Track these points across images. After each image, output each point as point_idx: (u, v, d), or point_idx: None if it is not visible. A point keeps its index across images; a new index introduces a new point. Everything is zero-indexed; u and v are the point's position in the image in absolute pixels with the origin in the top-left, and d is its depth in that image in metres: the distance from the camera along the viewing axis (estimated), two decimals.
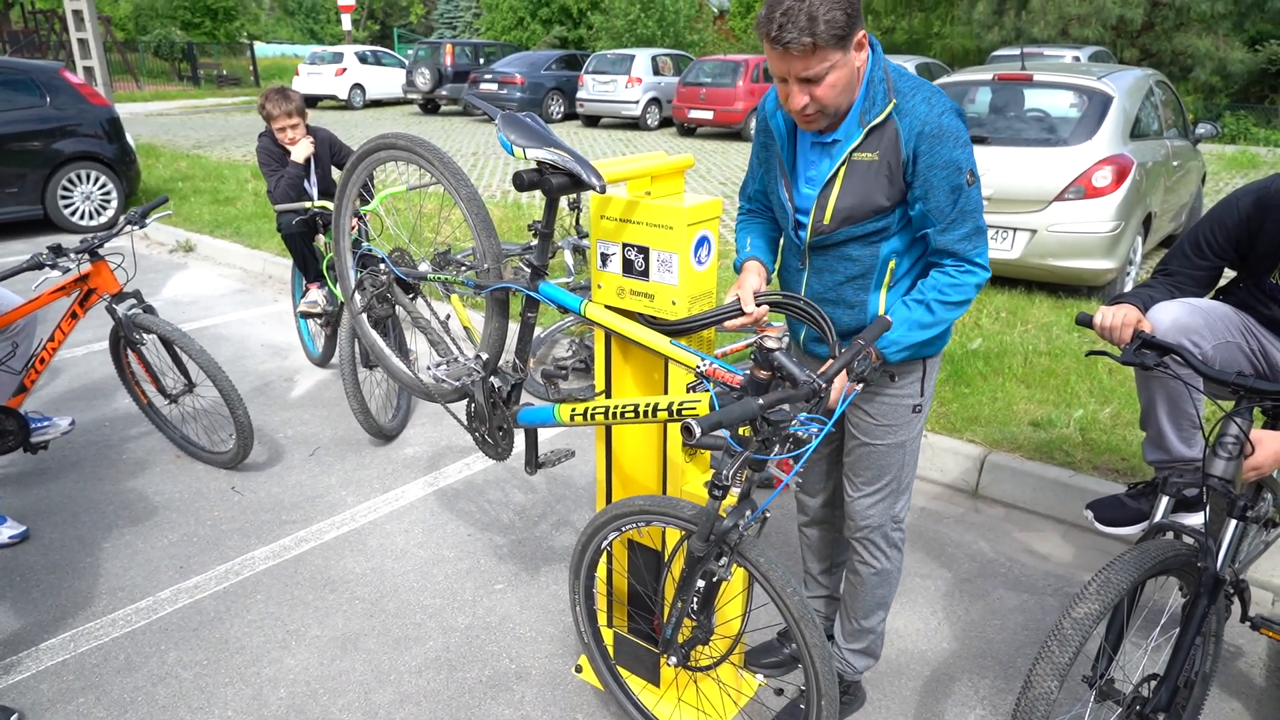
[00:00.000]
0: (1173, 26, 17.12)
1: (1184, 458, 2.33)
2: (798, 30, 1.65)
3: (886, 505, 2.19)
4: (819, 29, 1.65)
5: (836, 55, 1.70)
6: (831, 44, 1.68)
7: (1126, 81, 5.98)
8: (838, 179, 1.86)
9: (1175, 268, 2.40)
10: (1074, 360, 4.59)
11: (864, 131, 1.81)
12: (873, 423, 2.09)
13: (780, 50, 1.70)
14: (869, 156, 1.82)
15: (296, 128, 4.19)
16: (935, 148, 1.78)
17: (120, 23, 42.90)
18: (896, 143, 1.79)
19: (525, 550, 3.22)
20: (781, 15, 1.66)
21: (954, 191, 1.81)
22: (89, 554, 3.15)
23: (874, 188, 1.83)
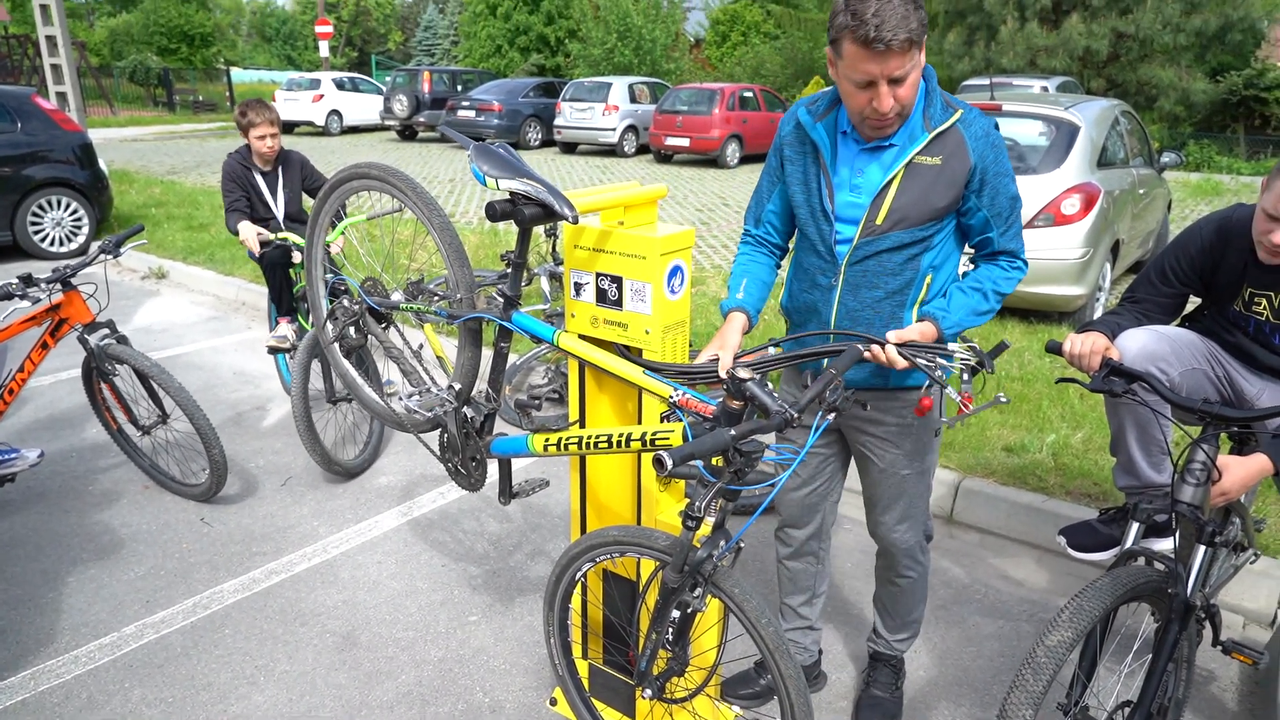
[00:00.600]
0: (1137, 58, 17.52)
1: (1154, 483, 2.35)
2: (896, 28, 1.65)
3: (916, 526, 2.29)
4: (913, 25, 1.67)
5: (919, 55, 1.75)
6: (919, 41, 1.72)
7: (1093, 112, 6.10)
8: (895, 181, 1.88)
9: (1142, 295, 2.44)
10: (1046, 385, 4.64)
11: (930, 136, 1.85)
12: (900, 454, 2.14)
13: (879, 50, 1.67)
14: (933, 160, 1.86)
15: (275, 137, 4.23)
16: (1000, 157, 1.89)
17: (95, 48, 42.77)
18: (963, 150, 1.85)
19: (500, 581, 3.18)
20: (875, 15, 1.65)
21: (1012, 199, 1.95)
22: (52, 589, 3.08)
23: (934, 191, 1.87)
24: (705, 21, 36.94)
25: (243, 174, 4.26)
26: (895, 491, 2.21)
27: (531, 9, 32.72)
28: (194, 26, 45.63)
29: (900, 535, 2.28)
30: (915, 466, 2.18)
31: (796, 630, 2.53)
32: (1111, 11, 16.93)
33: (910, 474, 2.19)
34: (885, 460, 2.18)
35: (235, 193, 4.24)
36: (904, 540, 2.29)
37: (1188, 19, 16.66)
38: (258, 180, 4.29)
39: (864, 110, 1.81)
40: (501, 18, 32.83)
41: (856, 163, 1.95)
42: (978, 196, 1.92)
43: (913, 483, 2.20)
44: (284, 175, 4.34)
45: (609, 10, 27.35)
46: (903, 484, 2.20)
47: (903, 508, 2.24)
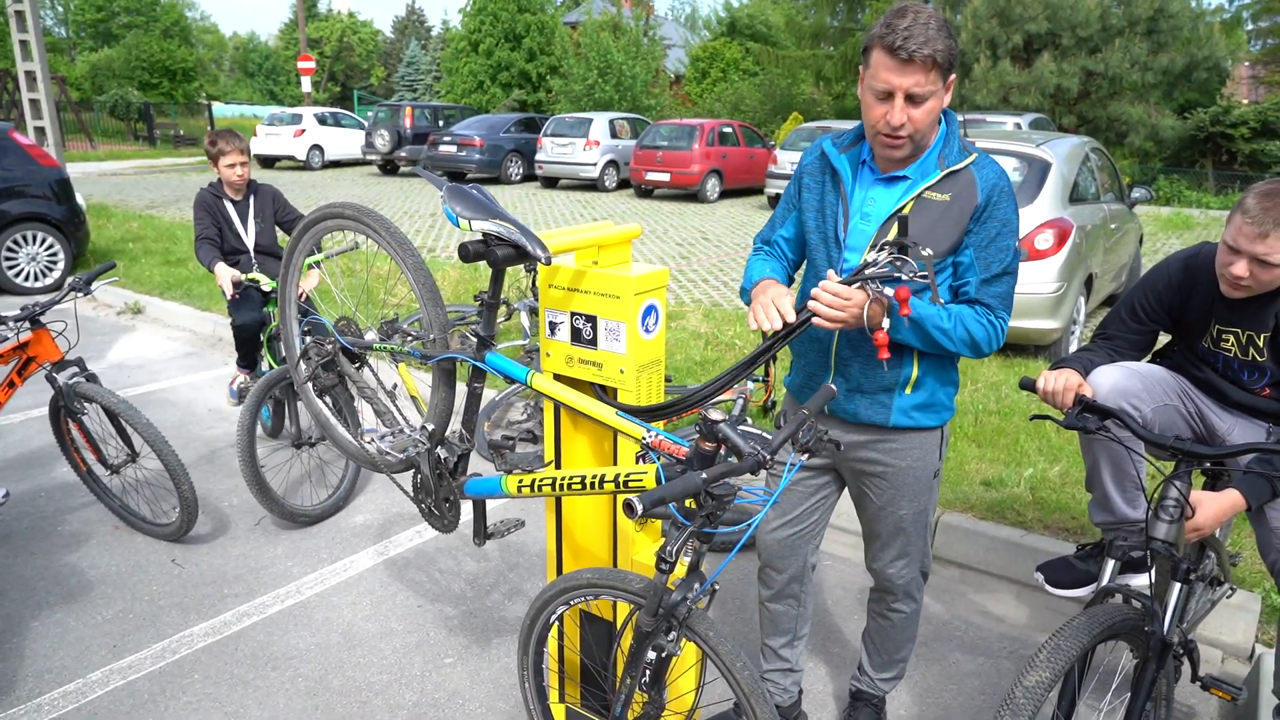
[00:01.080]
0: (1107, 95, 17.93)
1: (1129, 519, 2.36)
2: (923, 43, 1.73)
3: (913, 564, 2.28)
4: (939, 46, 1.74)
5: (939, 84, 1.80)
6: (942, 67, 1.78)
7: (1064, 149, 6.22)
8: (903, 211, 1.90)
9: (1113, 332, 2.47)
10: (1023, 419, 4.67)
11: (941, 173, 1.89)
12: (899, 495, 2.14)
13: (901, 60, 1.75)
14: (941, 197, 1.89)
15: (245, 165, 4.28)
16: (1005, 202, 1.91)
17: (76, 82, 42.73)
18: (973, 189, 1.89)
19: (476, 622, 3.14)
20: (906, 27, 1.73)
21: (1005, 250, 1.93)
22: (15, 634, 3.00)
23: (938, 227, 1.89)
24: (685, 58, 37.48)
25: (214, 203, 4.29)
26: (893, 529, 2.21)
27: (513, 46, 33.07)
28: (176, 61, 45.71)
29: (897, 571, 2.28)
30: (913, 506, 2.17)
31: (777, 672, 2.50)
32: (1081, 51, 17.34)
33: (908, 514, 2.18)
34: (883, 499, 2.18)
35: (205, 220, 4.27)
36: (900, 576, 2.29)
37: (1155, 58, 17.10)
38: (228, 209, 4.31)
39: (878, 124, 1.85)
40: (483, 54, 33.14)
41: (871, 191, 1.98)
42: (973, 234, 1.91)
43: (910, 522, 2.20)
44: (255, 204, 4.38)
45: (590, 47, 27.69)
46: (900, 523, 2.20)
47: (900, 545, 2.24)
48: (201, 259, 4.23)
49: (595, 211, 14.88)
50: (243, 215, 4.34)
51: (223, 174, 4.26)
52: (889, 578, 2.29)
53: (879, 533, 2.25)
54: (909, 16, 1.75)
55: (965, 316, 1.93)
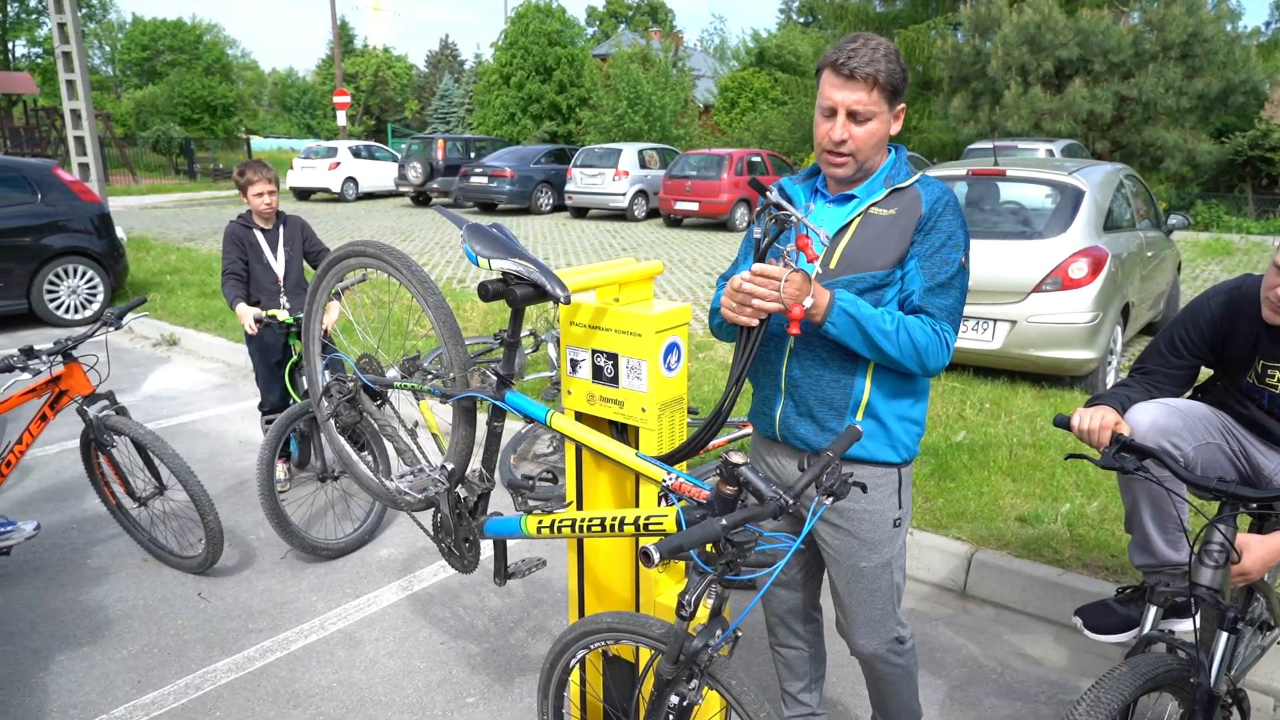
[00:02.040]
0: (1141, 120, 17.71)
1: (1171, 562, 2.27)
2: (866, 62, 1.79)
3: (883, 628, 2.11)
4: (881, 68, 1.80)
5: (884, 107, 1.85)
6: (886, 91, 1.83)
7: (1097, 176, 6.12)
8: (850, 228, 1.92)
9: (1152, 366, 2.40)
10: (1059, 452, 4.56)
11: (887, 190, 1.92)
12: (855, 542, 2.02)
13: (843, 77, 1.82)
14: (887, 212, 1.91)
15: (273, 194, 4.30)
16: (949, 215, 1.91)
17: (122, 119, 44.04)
18: (917, 202, 1.90)
19: (499, 659, 3.10)
20: (854, 49, 1.82)
21: (950, 262, 1.89)
22: (42, 668, 3.01)
23: (885, 240, 1.89)
24: (714, 88, 37.73)
25: (243, 234, 4.31)
26: (852, 586, 2.07)
27: (544, 78, 33.53)
28: (217, 97, 46.99)
29: (863, 643, 2.12)
30: (874, 558, 2.03)
31: (799, 718, 2.43)
32: (1114, 76, 17.17)
33: (869, 567, 2.03)
34: (838, 546, 2.04)
35: (232, 254, 4.30)
36: (867, 648, 2.12)
37: (1190, 82, 16.88)
38: (258, 238, 4.33)
39: (823, 141, 1.89)
40: (514, 86, 33.63)
41: (823, 214, 2.00)
42: (917, 245, 1.89)
43: (872, 578, 2.04)
44: (284, 233, 4.40)
45: (619, 79, 27.99)
46: (861, 578, 2.05)
47: (865, 612, 2.08)
48: (226, 295, 4.26)
49: (624, 241, 14.94)
50: (272, 245, 4.37)
51: (251, 203, 4.29)
52: (858, 648, 2.14)
53: (843, 595, 2.10)
54: (859, 41, 1.84)
55: (908, 323, 1.85)
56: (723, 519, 1.42)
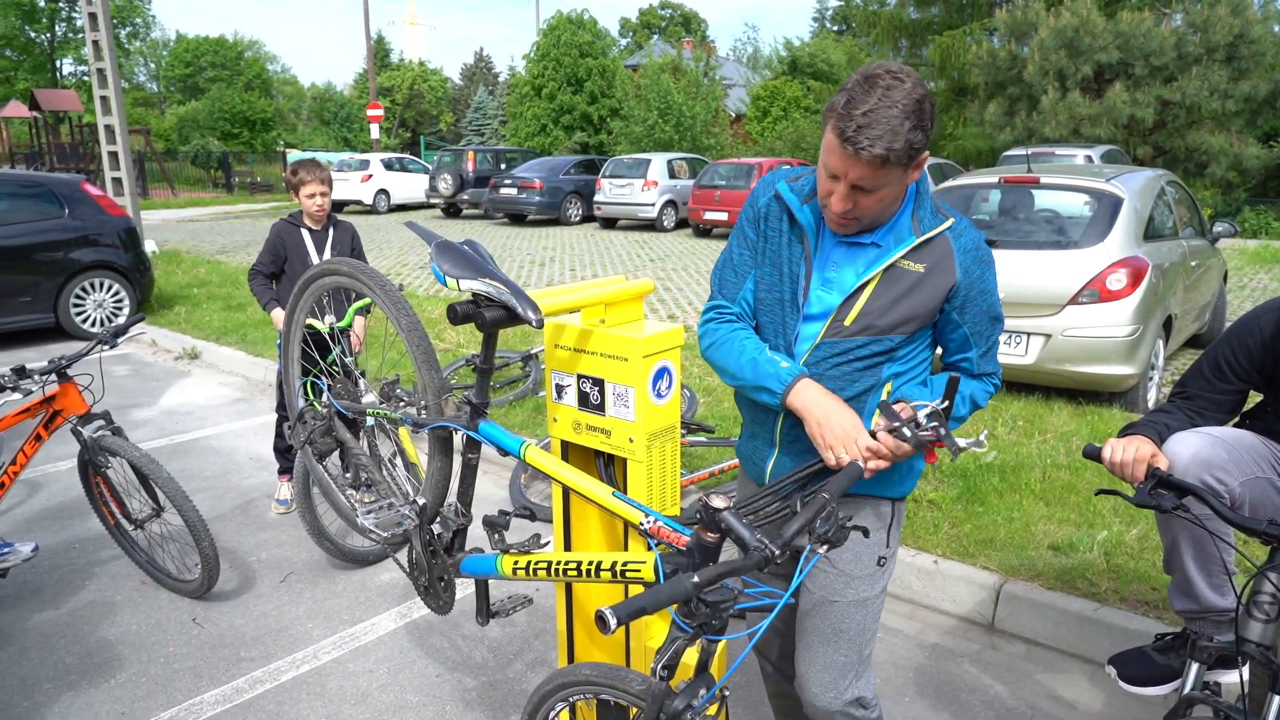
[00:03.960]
0: (1184, 125, 17.21)
1: (1216, 608, 2.06)
2: (876, 139, 1.51)
3: (844, 680, 1.83)
4: (897, 146, 1.51)
5: (899, 173, 1.58)
6: (901, 162, 1.55)
7: (1137, 183, 5.86)
8: (871, 284, 1.69)
9: (1194, 390, 2.19)
10: (1096, 474, 4.32)
11: (916, 241, 1.68)
12: (832, 573, 1.80)
13: (849, 151, 1.54)
14: (915, 267, 1.68)
15: (325, 196, 4.08)
16: (987, 274, 1.73)
17: (165, 134, 44.99)
18: (950, 262, 1.68)
19: (496, 694, 2.95)
20: (863, 116, 1.51)
21: (994, 319, 1.78)
22: (28, 696, 2.92)
23: (911, 299, 1.68)
24: (746, 97, 37.56)
25: (288, 232, 4.14)
26: (820, 620, 1.83)
27: (575, 90, 33.61)
28: (256, 112, 47.79)
29: (817, 693, 1.82)
30: (848, 594, 1.81)
31: None
32: (1155, 80, 16.72)
33: (841, 603, 1.81)
34: (818, 583, 1.83)
35: (266, 254, 4.12)
36: (820, 701, 1.82)
37: (1236, 85, 16.37)
38: (304, 237, 4.14)
39: (824, 199, 1.67)
40: (546, 98, 33.76)
41: (834, 255, 1.75)
42: (959, 314, 1.73)
43: (841, 615, 1.81)
44: (334, 235, 4.21)
45: (650, 89, 27.94)
46: (828, 614, 1.82)
47: (825, 656, 1.82)
48: (255, 293, 4.13)
49: (652, 252, 14.80)
50: (319, 246, 4.17)
51: (303, 204, 4.09)
52: (813, 691, 1.83)
53: (806, 628, 1.85)
54: (872, 98, 1.50)
55: (975, 394, 1.81)
56: (695, 576, 1.26)
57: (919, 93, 1.53)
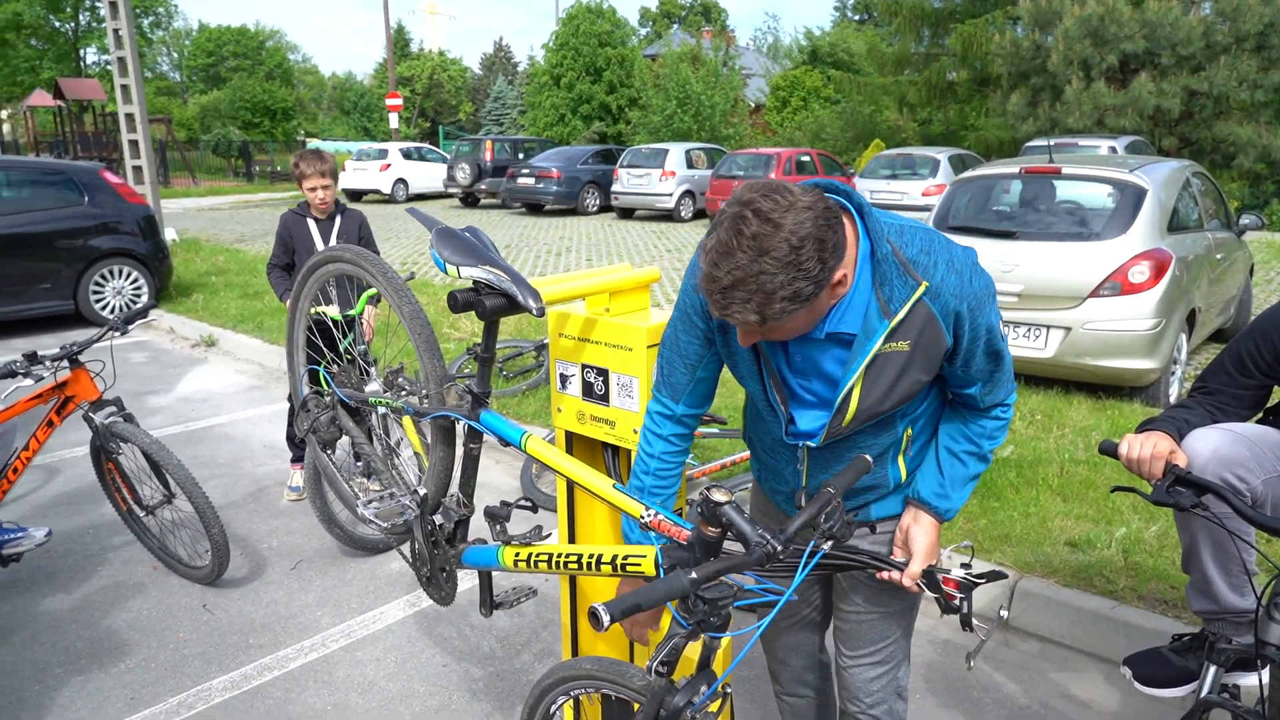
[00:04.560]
0: (1212, 115, 16.91)
1: (1236, 609, 2.01)
2: (744, 305, 1.31)
3: (890, 675, 1.86)
4: (772, 310, 1.31)
5: (801, 310, 1.35)
6: (792, 309, 1.33)
7: (1162, 174, 5.75)
8: (856, 386, 1.50)
9: (1216, 385, 2.13)
10: (1115, 470, 4.24)
11: (891, 325, 1.46)
12: (874, 589, 1.76)
13: (720, 315, 1.38)
14: (899, 347, 1.48)
15: (328, 189, 4.04)
16: (976, 319, 1.51)
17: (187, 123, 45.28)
18: (935, 327, 1.48)
19: (503, 685, 2.94)
20: (728, 276, 1.29)
21: (995, 356, 1.58)
22: (39, 680, 2.94)
23: (905, 378, 1.51)
24: (766, 87, 37.32)
25: (295, 222, 4.11)
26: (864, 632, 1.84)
27: (594, 79, 33.52)
28: (276, 101, 48.01)
29: (868, 680, 1.83)
30: (893, 605, 1.80)
31: None
32: (1183, 70, 16.43)
33: (885, 612, 1.81)
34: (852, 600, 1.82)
35: (279, 246, 4.12)
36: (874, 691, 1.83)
37: (1265, 75, 16.05)
38: (310, 227, 4.11)
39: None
40: (565, 87, 33.69)
41: (806, 351, 1.55)
42: (964, 369, 1.57)
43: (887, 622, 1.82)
44: (340, 224, 4.17)
45: (669, 78, 27.80)
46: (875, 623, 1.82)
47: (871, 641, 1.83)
48: (274, 285, 4.13)
49: (669, 242, 14.75)
50: (324, 235, 4.14)
51: (306, 196, 4.07)
52: (857, 685, 1.85)
53: (848, 637, 1.85)
54: (737, 254, 1.27)
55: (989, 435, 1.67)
56: (693, 572, 1.23)
57: (801, 233, 1.27)
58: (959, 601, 1.48)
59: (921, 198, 14.42)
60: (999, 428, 1.66)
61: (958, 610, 1.48)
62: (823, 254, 1.30)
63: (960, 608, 1.48)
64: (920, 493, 1.67)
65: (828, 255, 1.31)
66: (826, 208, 1.32)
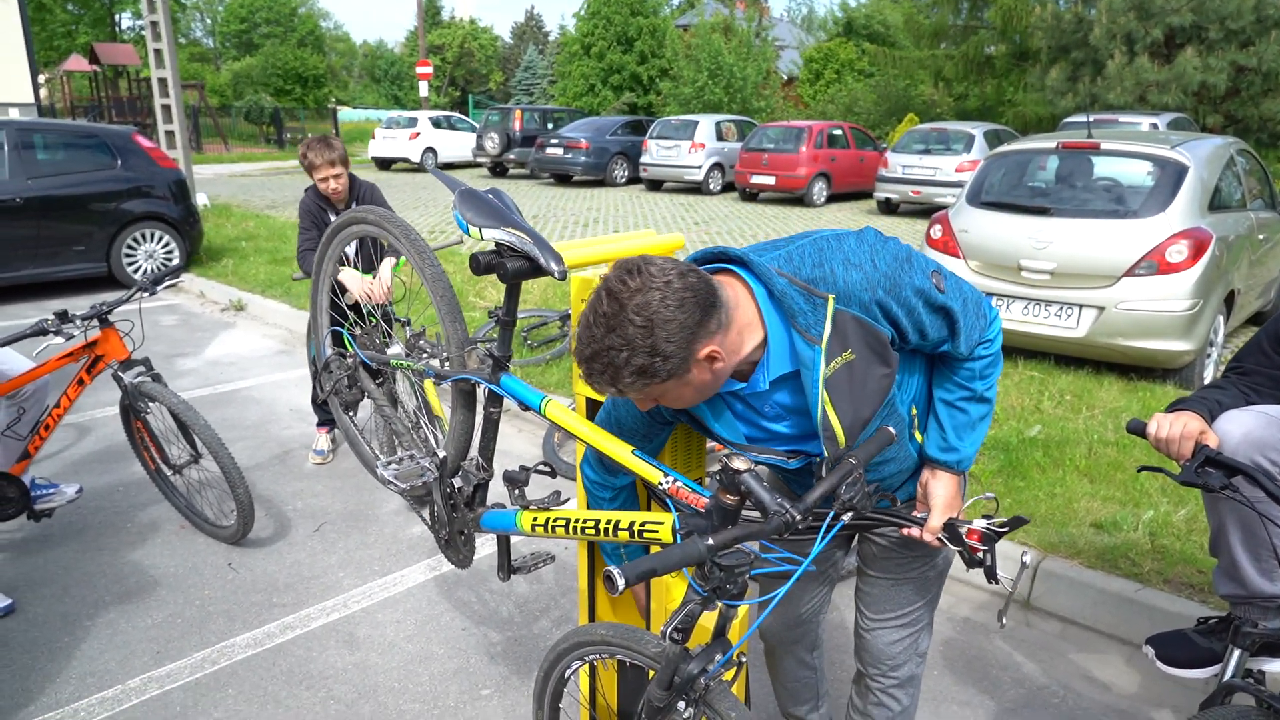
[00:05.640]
0: (1260, 92, 16.44)
1: (1263, 593, 1.97)
2: (600, 380, 1.38)
3: (913, 640, 1.88)
4: (623, 383, 1.36)
5: (667, 385, 1.38)
6: (648, 385, 1.36)
7: (1204, 150, 5.60)
8: (827, 406, 1.46)
9: (1251, 365, 2.08)
10: (1144, 452, 4.17)
11: (822, 350, 1.43)
12: (908, 553, 1.77)
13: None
14: (846, 358, 1.45)
15: (339, 177, 3.97)
16: (900, 294, 1.46)
17: (220, 89, 45.54)
18: (866, 326, 1.45)
19: (520, 650, 2.96)
20: (585, 363, 1.37)
21: (943, 311, 1.51)
22: (69, 632, 3.01)
23: (870, 379, 1.47)
24: (799, 59, 36.78)
25: (317, 212, 4.07)
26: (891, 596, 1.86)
27: (625, 49, 33.21)
28: (308, 69, 48.12)
29: (890, 641, 1.86)
30: (917, 568, 1.82)
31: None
32: (1231, 44, 15.96)
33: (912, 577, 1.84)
34: (877, 564, 1.85)
35: (310, 231, 4.06)
36: (896, 654, 1.87)
37: None
38: (331, 219, 4.06)
39: None
40: (595, 57, 33.42)
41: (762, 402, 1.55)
42: (923, 339, 1.53)
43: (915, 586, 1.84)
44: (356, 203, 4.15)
45: (700, 49, 27.48)
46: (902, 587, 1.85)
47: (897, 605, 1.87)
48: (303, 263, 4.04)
49: (697, 215, 14.65)
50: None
51: (319, 187, 4.02)
52: (880, 647, 1.88)
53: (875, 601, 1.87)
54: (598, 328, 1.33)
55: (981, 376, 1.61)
56: (710, 539, 1.22)
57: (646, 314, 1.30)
58: (982, 554, 1.46)
59: (955, 174, 14.19)
60: (987, 364, 1.61)
61: (981, 563, 1.47)
62: (669, 332, 1.31)
63: (984, 560, 1.46)
64: (927, 450, 1.66)
65: (674, 333, 1.31)
66: (684, 286, 1.32)
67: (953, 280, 1.55)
